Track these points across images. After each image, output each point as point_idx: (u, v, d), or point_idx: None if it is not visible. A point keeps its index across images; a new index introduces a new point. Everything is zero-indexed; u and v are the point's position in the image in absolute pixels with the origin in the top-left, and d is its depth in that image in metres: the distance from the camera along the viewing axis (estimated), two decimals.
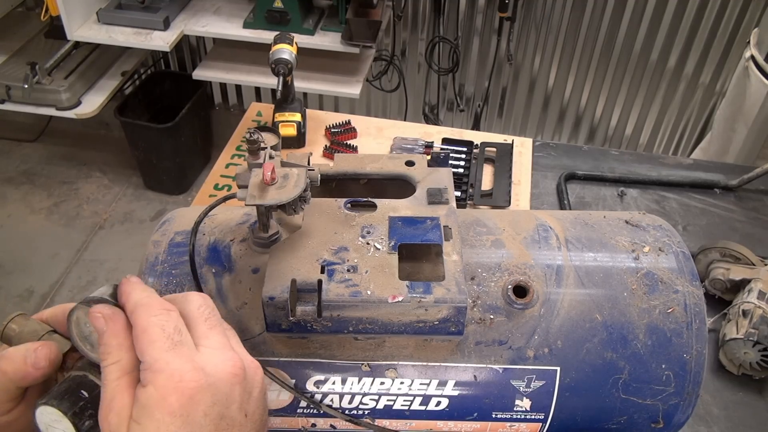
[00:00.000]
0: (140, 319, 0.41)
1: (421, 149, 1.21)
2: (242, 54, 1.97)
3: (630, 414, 0.61)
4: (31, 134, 2.69)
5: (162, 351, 0.40)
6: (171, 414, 0.38)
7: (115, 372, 0.41)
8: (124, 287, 0.44)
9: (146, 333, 0.41)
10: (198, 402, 0.39)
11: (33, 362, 0.44)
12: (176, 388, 0.39)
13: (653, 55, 2.14)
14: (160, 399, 0.39)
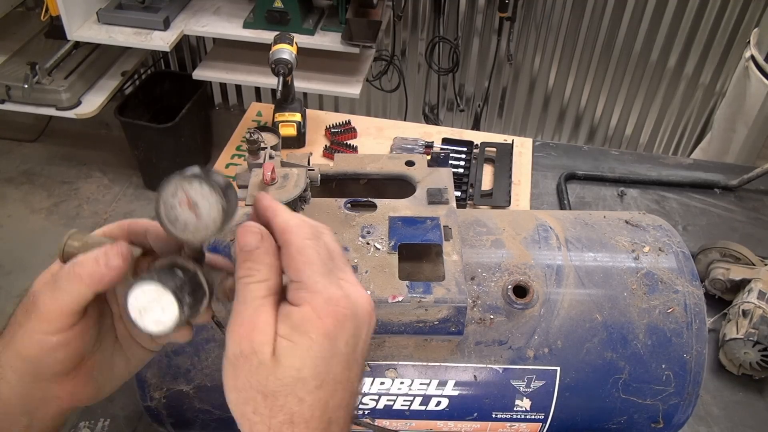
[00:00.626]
0: (296, 239, 0.40)
1: (421, 149, 1.21)
2: (242, 54, 1.97)
3: (630, 414, 0.61)
4: (31, 134, 2.69)
5: (318, 274, 0.40)
6: (324, 335, 0.38)
7: (261, 290, 0.40)
8: (265, 203, 0.43)
9: (302, 254, 0.40)
10: (345, 329, 0.39)
11: (106, 262, 0.42)
12: (332, 311, 0.39)
13: (653, 55, 2.14)
14: (316, 319, 0.38)
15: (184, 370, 0.60)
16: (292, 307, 0.39)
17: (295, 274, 0.40)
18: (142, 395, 0.61)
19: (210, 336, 0.60)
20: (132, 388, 0.61)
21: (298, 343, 0.38)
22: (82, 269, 0.42)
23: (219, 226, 0.39)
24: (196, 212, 0.39)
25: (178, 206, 0.39)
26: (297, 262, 0.40)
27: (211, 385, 0.60)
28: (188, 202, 0.39)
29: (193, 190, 0.38)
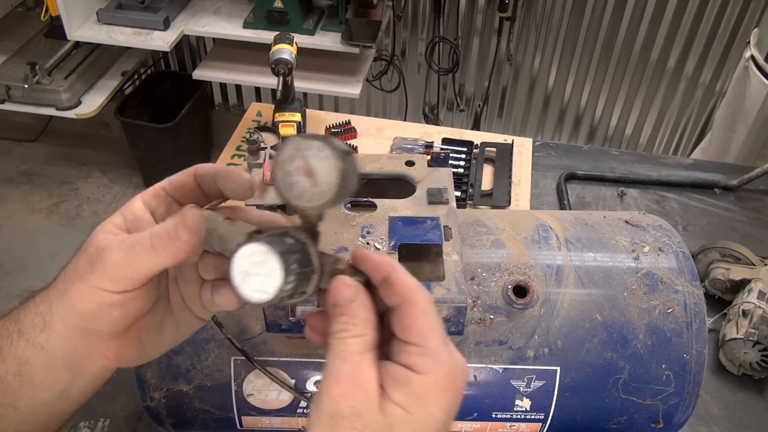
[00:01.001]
0: (421, 301, 0.39)
1: (421, 149, 1.21)
2: (242, 54, 1.97)
3: (630, 414, 0.61)
4: (31, 134, 2.69)
5: (442, 342, 0.38)
6: (442, 410, 0.37)
7: (359, 345, 0.38)
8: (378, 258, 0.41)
9: (428, 317, 0.38)
10: (457, 402, 0.38)
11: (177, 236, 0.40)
12: (453, 385, 0.37)
13: (653, 55, 2.14)
14: (438, 392, 0.37)
15: (184, 370, 0.60)
16: (412, 373, 0.37)
17: (419, 338, 0.38)
18: (142, 395, 0.61)
19: (210, 336, 0.60)
20: (132, 388, 0.61)
21: (416, 415, 0.36)
22: (158, 242, 0.40)
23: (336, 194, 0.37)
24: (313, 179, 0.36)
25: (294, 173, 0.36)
26: (422, 326, 0.38)
27: (211, 385, 0.60)
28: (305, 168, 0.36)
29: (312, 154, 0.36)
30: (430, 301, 0.39)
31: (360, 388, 0.36)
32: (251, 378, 0.59)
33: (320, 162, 0.36)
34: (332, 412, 0.36)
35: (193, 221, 0.41)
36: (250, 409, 0.61)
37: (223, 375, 0.59)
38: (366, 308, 0.39)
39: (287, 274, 0.37)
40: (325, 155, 0.36)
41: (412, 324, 0.38)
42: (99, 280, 0.41)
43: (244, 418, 0.62)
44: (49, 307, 0.42)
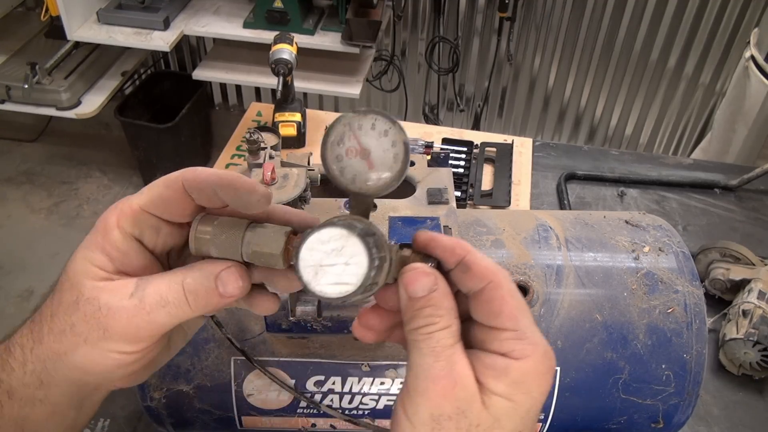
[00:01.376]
0: (506, 282, 0.36)
1: (421, 149, 1.21)
2: (242, 54, 1.97)
3: (630, 414, 0.61)
4: (31, 134, 2.69)
5: (532, 324, 0.35)
6: (543, 393, 0.35)
7: (448, 338, 0.34)
8: (451, 241, 0.37)
9: (516, 298, 0.35)
10: (552, 381, 0.36)
11: (223, 291, 0.36)
12: (550, 366, 0.35)
13: (653, 55, 2.14)
14: (539, 375, 0.34)
15: (184, 370, 0.60)
16: (511, 360, 0.34)
17: (512, 321, 0.35)
18: (142, 395, 0.61)
19: (210, 336, 0.60)
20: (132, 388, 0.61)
21: (521, 404, 0.34)
22: (196, 300, 0.36)
23: (399, 173, 0.33)
24: (368, 159, 0.32)
25: (345, 155, 0.32)
26: (512, 308, 0.35)
27: (211, 385, 0.60)
28: (359, 148, 0.32)
29: (365, 132, 0.32)
30: (512, 282, 0.36)
31: (459, 385, 0.34)
32: (251, 378, 0.59)
33: (376, 140, 0.32)
34: (434, 415, 0.33)
35: (238, 273, 0.37)
36: (250, 409, 0.61)
37: (223, 375, 0.59)
38: (448, 296, 0.36)
39: (372, 260, 0.32)
40: (383, 131, 0.32)
41: (502, 307, 0.35)
42: (115, 345, 0.37)
43: (244, 418, 0.62)
44: (43, 366, 0.38)
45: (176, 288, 0.36)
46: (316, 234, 0.32)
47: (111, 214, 0.38)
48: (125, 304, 0.36)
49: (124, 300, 0.36)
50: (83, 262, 0.37)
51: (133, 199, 0.38)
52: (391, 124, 0.32)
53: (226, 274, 0.37)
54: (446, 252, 0.36)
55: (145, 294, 0.36)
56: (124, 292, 0.36)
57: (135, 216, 0.37)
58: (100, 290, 0.36)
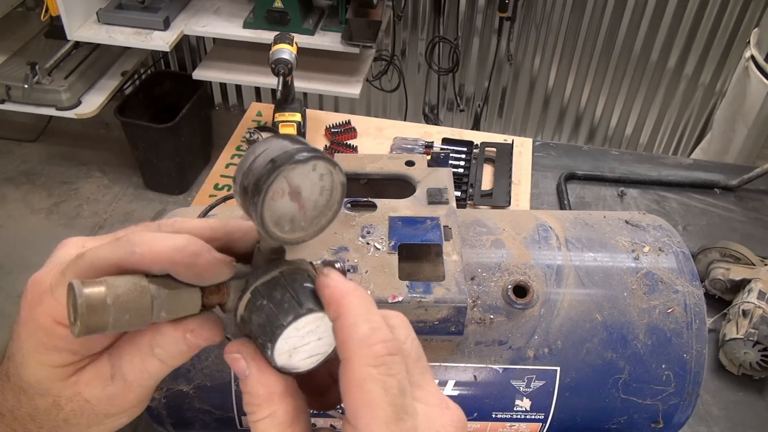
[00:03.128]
0: (356, 367, 0.30)
1: (421, 149, 1.21)
2: (242, 54, 1.97)
3: (630, 414, 0.61)
4: (31, 134, 2.69)
5: (381, 424, 0.29)
6: None
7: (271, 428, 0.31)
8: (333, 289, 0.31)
9: (363, 390, 0.29)
10: None
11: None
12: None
13: (653, 55, 2.14)
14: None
15: (184, 370, 0.60)
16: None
17: (352, 416, 0.30)
18: None
19: None
20: None
21: None
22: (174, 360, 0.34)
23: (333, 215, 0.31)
24: (299, 201, 0.30)
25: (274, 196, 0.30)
26: (354, 401, 0.30)
27: (211, 385, 0.60)
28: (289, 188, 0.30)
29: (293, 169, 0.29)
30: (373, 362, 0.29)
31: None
32: None
33: (306, 178, 0.30)
34: None
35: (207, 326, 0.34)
36: None
37: (223, 375, 0.59)
38: (264, 380, 0.31)
39: None
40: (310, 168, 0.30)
41: (345, 392, 0.30)
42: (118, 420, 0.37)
43: (244, 418, 0.62)
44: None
45: (150, 361, 0.34)
46: (297, 322, 0.31)
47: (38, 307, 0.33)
48: (111, 390, 0.34)
49: (108, 386, 0.34)
50: (42, 368, 0.34)
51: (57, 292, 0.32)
52: (322, 163, 0.30)
53: (193, 337, 0.33)
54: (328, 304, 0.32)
55: (125, 373, 0.34)
56: (102, 379, 0.34)
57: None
58: (78, 386, 0.34)
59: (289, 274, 0.33)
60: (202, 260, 0.31)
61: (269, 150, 0.30)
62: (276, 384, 0.32)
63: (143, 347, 0.34)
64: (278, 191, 0.30)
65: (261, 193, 0.29)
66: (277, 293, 0.32)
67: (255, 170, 0.30)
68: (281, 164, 0.29)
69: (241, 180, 0.30)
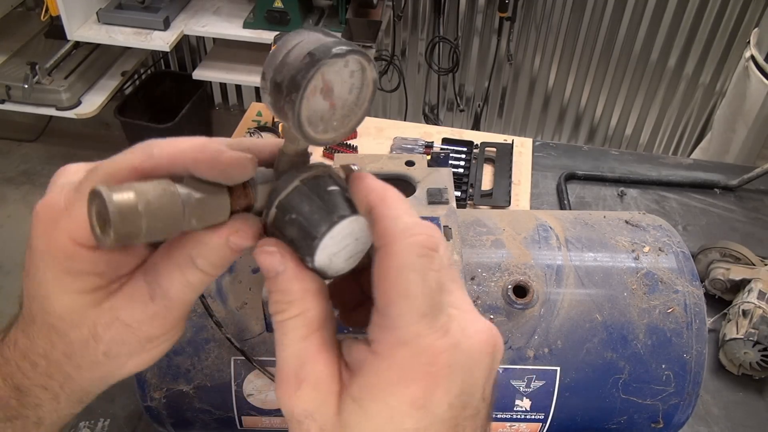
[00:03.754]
0: (399, 254, 0.28)
1: (421, 149, 1.21)
2: (242, 54, 1.97)
3: (630, 414, 0.61)
4: (31, 134, 2.69)
5: (416, 315, 0.27)
6: (411, 404, 0.27)
7: (299, 328, 0.29)
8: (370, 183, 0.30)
9: (401, 278, 0.28)
10: (446, 391, 0.28)
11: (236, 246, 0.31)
12: (423, 372, 0.27)
13: (653, 55, 2.14)
14: (398, 381, 0.27)
15: (184, 370, 0.60)
16: (369, 354, 0.28)
17: (384, 305, 0.28)
18: (142, 395, 0.61)
19: (210, 336, 0.60)
20: (132, 388, 0.61)
21: (373, 414, 0.28)
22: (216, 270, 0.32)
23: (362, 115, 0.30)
24: (330, 99, 0.28)
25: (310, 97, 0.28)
26: (389, 289, 0.28)
27: (211, 385, 0.60)
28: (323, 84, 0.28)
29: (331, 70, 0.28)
30: (417, 252, 0.28)
31: (305, 384, 0.29)
32: (251, 378, 0.59)
33: (338, 75, 0.28)
34: (286, 414, 0.30)
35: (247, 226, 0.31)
36: (250, 409, 0.61)
37: (223, 375, 0.59)
38: (300, 277, 0.30)
39: None
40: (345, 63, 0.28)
41: (380, 283, 0.28)
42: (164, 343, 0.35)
43: (244, 418, 0.62)
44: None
45: (193, 274, 0.31)
46: (328, 234, 0.29)
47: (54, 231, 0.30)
48: (153, 310, 0.32)
49: (149, 306, 0.32)
50: (70, 297, 0.31)
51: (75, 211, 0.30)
52: (358, 57, 0.28)
53: (237, 237, 0.31)
54: (360, 197, 0.30)
55: (166, 290, 0.32)
56: (141, 300, 0.32)
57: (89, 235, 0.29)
58: (115, 310, 0.32)
59: (311, 180, 0.31)
60: (224, 156, 0.29)
61: (304, 42, 0.27)
62: (312, 282, 0.30)
63: (182, 260, 0.31)
64: (314, 87, 0.27)
65: (300, 89, 0.27)
66: (304, 205, 0.30)
67: (290, 64, 0.27)
68: (320, 58, 0.27)
69: (273, 75, 0.28)
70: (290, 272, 0.30)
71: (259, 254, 0.30)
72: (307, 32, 0.28)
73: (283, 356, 0.30)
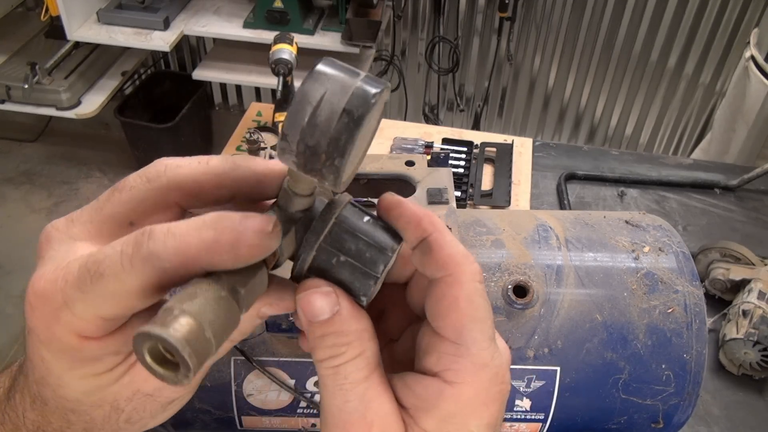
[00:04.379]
0: (466, 281, 0.28)
1: (421, 149, 1.21)
2: (242, 54, 1.97)
3: (630, 414, 0.61)
4: (31, 134, 2.69)
5: (487, 338, 0.28)
6: (488, 425, 0.28)
7: (360, 370, 0.28)
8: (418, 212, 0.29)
9: (473, 305, 0.28)
10: (503, 412, 0.29)
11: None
12: (498, 392, 0.28)
13: (653, 55, 2.14)
14: (482, 405, 0.28)
15: None
16: (445, 385, 0.28)
17: (454, 330, 0.28)
18: None
19: None
20: None
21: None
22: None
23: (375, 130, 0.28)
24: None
25: None
26: (462, 317, 0.28)
27: (211, 385, 0.60)
28: None
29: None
30: (479, 280, 0.29)
31: (375, 427, 0.28)
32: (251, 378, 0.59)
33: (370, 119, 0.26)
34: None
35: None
36: (250, 409, 0.61)
37: (223, 375, 0.59)
38: (356, 316, 0.28)
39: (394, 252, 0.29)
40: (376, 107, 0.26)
41: (450, 311, 0.28)
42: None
43: (244, 418, 0.62)
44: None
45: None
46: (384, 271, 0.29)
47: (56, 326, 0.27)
48: None
49: None
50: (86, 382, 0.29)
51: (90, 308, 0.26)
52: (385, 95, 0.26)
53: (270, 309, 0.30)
54: (409, 224, 0.29)
55: None
56: None
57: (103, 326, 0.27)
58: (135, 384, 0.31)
59: (341, 216, 0.29)
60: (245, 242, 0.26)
61: (329, 94, 0.25)
62: (366, 319, 0.29)
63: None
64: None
65: (345, 154, 0.24)
66: (349, 244, 0.28)
67: (323, 126, 0.24)
68: (361, 115, 0.24)
69: (302, 138, 0.25)
70: (346, 312, 0.28)
71: (309, 296, 0.28)
72: (324, 75, 0.25)
73: (343, 401, 0.28)
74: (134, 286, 0.26)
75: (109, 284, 0.26)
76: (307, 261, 0.29)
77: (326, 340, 0.28)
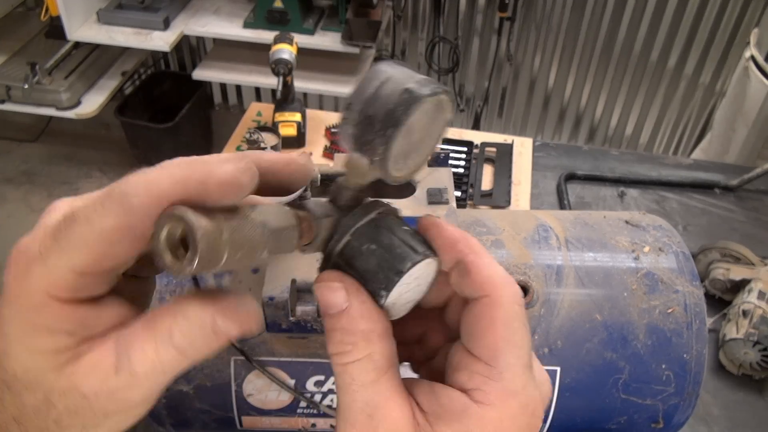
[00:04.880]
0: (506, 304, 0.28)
1: None
2: (242, 54, 1.97)
3: (630, 414, 0.61)
4: (31, 134, 2.69)
5: (522, 366, 0.28)
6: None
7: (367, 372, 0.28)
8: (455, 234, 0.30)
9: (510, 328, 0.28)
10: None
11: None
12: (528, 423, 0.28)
13: (653, 55, 2.14)
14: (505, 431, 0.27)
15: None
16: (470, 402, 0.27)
17: (489, 352, 0.28)
18: None
19: None
20: None
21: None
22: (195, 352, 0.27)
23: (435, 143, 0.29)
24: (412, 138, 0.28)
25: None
26: (498, 340, 0.28)
27: (211, 385, 0.60)
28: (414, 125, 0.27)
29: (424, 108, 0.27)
30: (519, 303, 0.29)
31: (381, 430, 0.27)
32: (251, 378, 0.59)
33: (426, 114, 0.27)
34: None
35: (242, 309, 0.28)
36: (250, 409, 0.61)
37: (223, 375, 0.59)
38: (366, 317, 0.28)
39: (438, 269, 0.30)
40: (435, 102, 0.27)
41: (485, 332, 0.28)
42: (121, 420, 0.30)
43: (244, 418, 0.62)
44: None
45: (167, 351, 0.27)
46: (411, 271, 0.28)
47: (25, 280, 0.27)
48: (113, 384, 0.27)
49: (110, 379, 0.27)
50: (31, 356, 0.27)
51: (63, 258, 0.27)
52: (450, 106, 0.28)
53: (225, 323, 0.27)
54: (445, 246, 0.30)
55: (133, 364, 0.27)
56: (103, 370, 0.27)
57: (73, 282, 0.27)
58: (74, 377, 0.27)
59: (385, 215, 0.30)
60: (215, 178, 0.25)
61: (395, 77, 0.26)
62: (379, 321, 0.28)
63: (160, 333, 0.27)
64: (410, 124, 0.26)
65: (399, 125, 0.26)
66: (383, 237, 0.29)
67: (386, 98, 0.26)
68: (421, 95, 0.26)
69: (363, 107, 0.26)
70: (354, 310, 0.28)
71: (321, 289, 0.29)
72: (392, 65, 0.27)
73: (351, 400, 0.28)
74: (105, 228, 0.26)
75: (80, 228, 0.27)
76: (341, 242, 0.29)
77: (334, 335, 0.28)
